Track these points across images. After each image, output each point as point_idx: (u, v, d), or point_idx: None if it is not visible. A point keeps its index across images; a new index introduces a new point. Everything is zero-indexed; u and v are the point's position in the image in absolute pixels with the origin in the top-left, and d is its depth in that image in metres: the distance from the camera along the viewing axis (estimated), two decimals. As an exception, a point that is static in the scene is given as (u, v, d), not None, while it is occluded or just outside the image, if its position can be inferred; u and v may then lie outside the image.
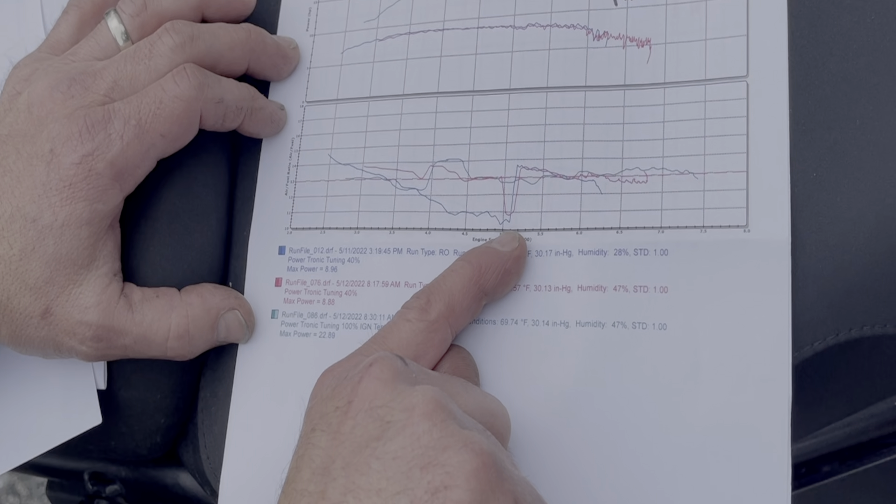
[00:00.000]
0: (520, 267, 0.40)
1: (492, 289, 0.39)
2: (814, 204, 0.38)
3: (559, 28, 0.42)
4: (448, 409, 0.31)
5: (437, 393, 0.32)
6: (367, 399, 0.32)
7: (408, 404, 0.31)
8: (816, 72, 0.39)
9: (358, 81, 0.45)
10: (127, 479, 0.52)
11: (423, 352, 0.38)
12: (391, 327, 0.38)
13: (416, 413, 0.31)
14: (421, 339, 0.38)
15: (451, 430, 0.30)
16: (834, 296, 0.37)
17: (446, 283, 0.39)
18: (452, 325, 0.39)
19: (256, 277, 0.45)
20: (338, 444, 0.31)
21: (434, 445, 0.30)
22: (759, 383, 0.37)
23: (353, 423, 0.31)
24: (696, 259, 0.38)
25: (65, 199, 0.39)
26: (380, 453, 0.30)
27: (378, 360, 0.33)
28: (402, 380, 0.33)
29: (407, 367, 0.34)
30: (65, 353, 0.41)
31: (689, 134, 0.39)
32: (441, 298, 0.38)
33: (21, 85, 0.42)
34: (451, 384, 0.35)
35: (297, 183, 0.45)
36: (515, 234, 0.41)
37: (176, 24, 0.42)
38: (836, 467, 0.47)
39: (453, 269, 0.39)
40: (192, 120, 0.41)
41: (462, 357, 0.40)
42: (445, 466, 0.29)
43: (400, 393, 0.32)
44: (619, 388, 0.38)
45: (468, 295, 0.39)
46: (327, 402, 0.33)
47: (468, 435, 0.30)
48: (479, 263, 0.39)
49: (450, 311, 0.38)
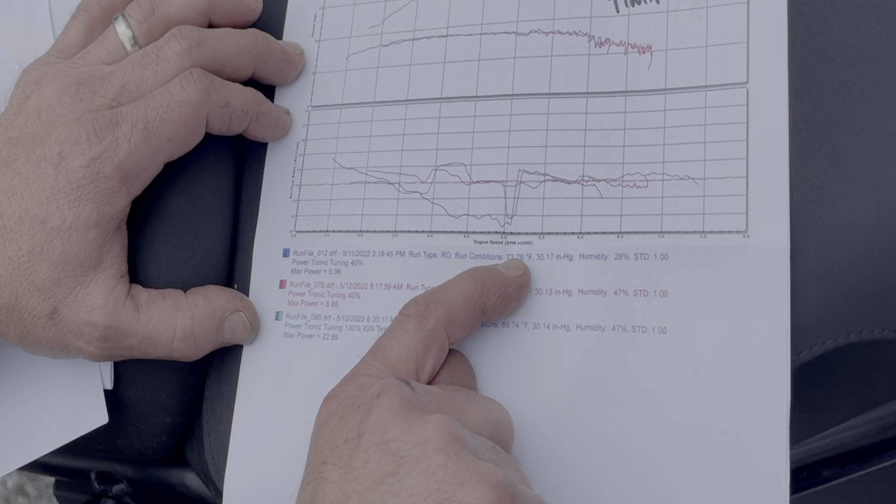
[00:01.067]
0: (521, 294, 0.40)
1: (491, 309, 0.39)
2: (813, 209, 0.38)
3: (561, 35, 0.43)
4: (461, 440, 0.31)
5: (448, 423, 0.32)
6: (377, 432, 0.32)
7: (420, 438, 0.31)
8: (816, 78, 0.39)
9: (362, 86, 0.45)
10: (133, 478, 0.53)
11: (422, 363, 0.37)
12: (389, 339, 0.38)
13: (429, 447, 0.31)
14: (420, 350, 0.37)
15: (466, 464, 0.30)
16: (833, 300, 0.38)
17: (448, 293, 0.39)
18: (450, 335, 0.38)
19: (261, 279, 0.45)
20: (351, 479, 0.31)
21: (450, 480, 0.30)
22: (758, 387, 0.37)
23: (366, 458, 0.31)
24: (695, 264, 0.39)
25: (73, 202, 0.40)
26: (396, 490, 0.30)
27: (385, 389, 0.33)
28: (412, 409, 0.33)
29: (415, 393, 0.34)
30: (72, 353, 0.42)
31: (689, 139, 0.40)
32: (441, 307, 0.38)
33: (30, 88, 0.43)
34: (456, 399, 0.36)
35: (301, 186, 0.46)
36: (521, 263, 0.41)
37: (183, 30, 0.42)
38: (836, 471, 0.47)
39: (456, 282, 0.39)
40: (199, 124, 0.42)
41: (460, 363, 0.40)
42: (463, 502, 0.29)
43: (412, 425, 0.32)
44: (619, 392, 0.39)
45: (468, 308, 0.39)
46: (336, 432, 0.33)
47: (483, 468, 0.30)
48: (483, 281, 0.39)
49: (448, 321, 0.38)
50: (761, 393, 0.37)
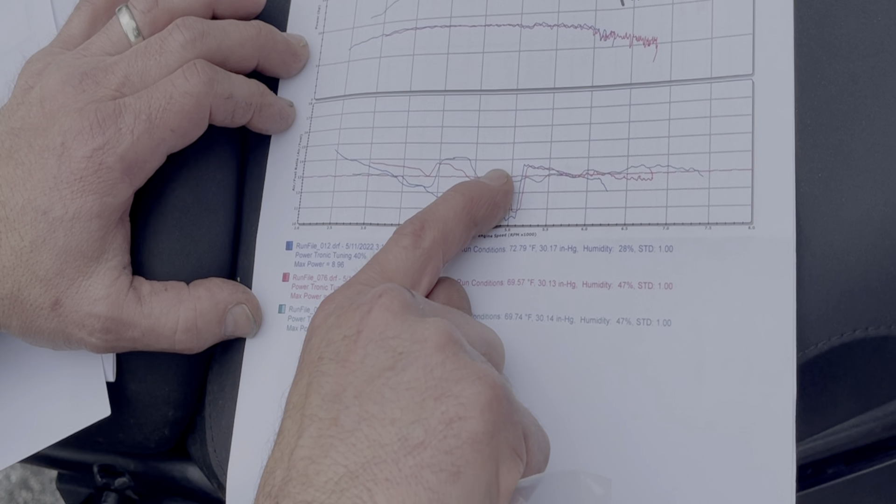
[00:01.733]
0: (508, 201, 0.41)
1: (481, 219, 0.40)
2: (819, 204, 0.38)
3: (566, 28, 0.42)
4: (459, 342, 0.32)
5: (447, 325, 0.32)
6: (377, 329, 0.32)
7: (419, 336, 0.31)
8: (822, 72, 0.39)
9: (365, 77, 0.45)
10: (135, 471, 0.53)
11: (418, 279, 0.38)
12: (386, 255, 0.38)
13: (428, 345, 0.31)
14: (417, 266, 0.38)
15: (463, 363, 0.31)
16: (839, 296, 0.37)
17: (439, 211, 0.39)
18: (445, 252, 0.39)
19: (264, 272, 0.45)
20: (348, 372, 0.31)
21: (447, 377, 0.30)
22: (764, 381, 0.37)
23: (364, 353, 0.32)
24: (700, 256, 0.38)
25: (75, 192, 0.40)
26: (393, 383, 0.30)
27: (387, 290, 0.33)
28: (411, 311, 0.33)
29: (414, 299, 0.34)
30: (74, 344, 0.42)
31: (694, 132, 0.40)
32: (435, 225, 0.39)
33: (33, 79, 0.43)
34: (452, 315, 0.36)
35: (304, 178, 0.45)
36: (503, 171, 0.42)
37: (187, 21, 0.42)
38: (841, 469, 0.47)
39: (445, 198, 0.40)
40: (202, 115, 0.42)
41: (455, 288, 0.41)
42: (459, 398, 0.30)
43: (411, 325, 0.32)
44: (623, 384, 0.38)
45: (460, 223, 0.39)
46: (333, 330, 0.33)
47: (480, 367, 0.31)
48: (470, 194, 0.40)
49: (443, 239, 0.39)
50: (767, 386, 0.37)
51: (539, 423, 0.33)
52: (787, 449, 0.36)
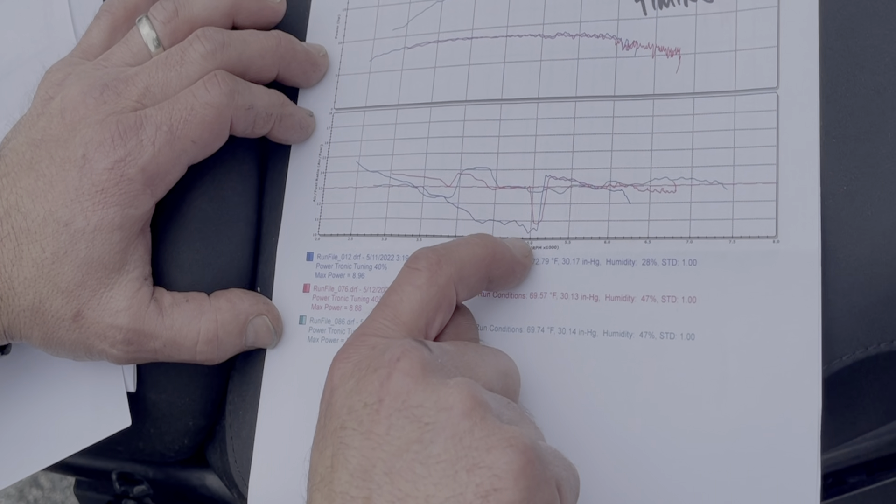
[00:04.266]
0: (525, 274, 0.41)
1: (497, 278, 0.39)
2: (844, 217, 0.37)
3: (588, 37, 0.42)
4: (485, 404, 0.31)
5: (471, 387, 0.31)
6: (399, 397, 0.31)
7: (444, 403, 0.31)
8: (848, 84, 0.38)
9: (386, 89, 0.45)
10: (154, 479, 0.53)
11: (432, 319, 0.36)
12: (399, 294, 0.36)
13: (454, 413, 0.30)
14: (431, 306, 0.36)
15: (492, 429, 0.30)
16: (864, 309, 0.37)
17: (459, 251, 0.38)
18: (459, 293, 0.38)
19: (285, 283, 0.45)
20: (374, 445, 0.31)
21: (477, 446, 0.30)
22: (789, 395, 0.36)
23: (388, 424, 0.31)
24: (724, 269, 0.38)
25: (97, 204, 0.40)
26: (423, 458, 0.30)
27: (405, 353, 0.32)
28: (432, 372, 0.32)
29: (432, 355, 0.33)
30: (95, 355, 0.42)
31: (718, 144, 0.39)
32: (453, 263, 0.37)
33: (54, 89, 0.42)
34: (467, 355, 0.35)
35: (325, 189, 0.45)
36: (527, 246, 0.41)
37: (207, 31, 0.42)
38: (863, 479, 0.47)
39: (468, 242, 0.38)
40: (223, 126, 0.42)
41: (464, 317, 0.39)
42: (492, 468, 0.29)
43: (434, 390, 0.31)
44: (647, 398, 0.38)
45: (478, 271, 0.38)
46: (353, 396, 0.32)
47: (510, 432, 0.30)
48: (493, 250, 0.39)
49: (460, 279, 0.37)
50: (792, 401, 0.36)
51: (565, 459, 0.32)
52: (811, 464, 0.36)
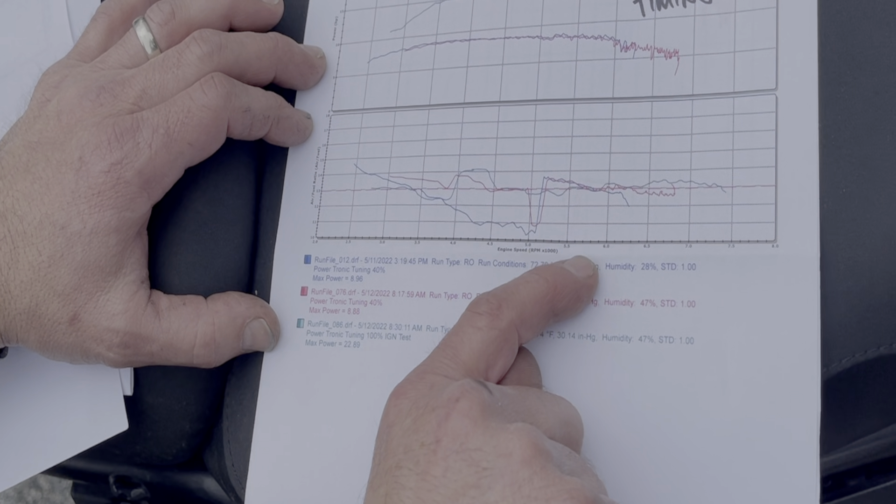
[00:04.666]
0: (591, 295, 0.39)
1: (562, 310, 0.38)
2: (843, 220, 0.37)
3: (586, 39, 0.42)
4: (546, 452, 0.30)
5: (532, 434, 0.30)
6: (458, 439, 0.30)
7: (504, 449, 0.30)
8: (847, 86, 0.38)
9: (384, 91, 0.45)
10: (152, 482, 0.53)
11: (493, 362, 0.36)
12: (460, 336, 0.36)
13: (514, 459, 0.30)
14: (492, 349, 0.36)
15: (553, 479, 0.29)
16: (863, 312, 0.37)
17: (519, 293, 0.37)
18: (522, 335, 0.37)
19: (282, 286, 0.45)
20: (430, 488, 0.30)
21: (537, 496, 0.29)
22: (788, 399, 0.36)
23: (445, 466, 0.30)
24: (723, 274, 0.38)
25: (93, 207, 0.39)
26: (479, 503, 0.29)
27: (465, 393, 0.32)
28: (492, 415, 0.31)
29: (493, 397, 0.33)
30: (92, 359, 0.42)
31: (717, 147, 0.39)
32: (513, 307, 0.36)
33: (50, 92, 0.42)
34: (529, 400, 0.35)
35: (322, 192, 0.45)
36: (591, 262, 0.39)
37: (204, 34, 0.42)
38: (862, 482, 0.46)
39: (527, 281, 0.38)
40: (220, 129, 0.41)
41: (527, 362, 0.39)
42: None
43: (493, 434, 0.30)
44: (646, 403, 0.38)
45: (540, 310, 0.37)
46: (410, 435, 0.32)
47: (570, 483, 0.29)
48: (554, 282, 0.38)
49: (521, 322, 0.37)
50: (791, 405, 0.36)
51: None
52: (811, 467, 0.36)
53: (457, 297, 0.42)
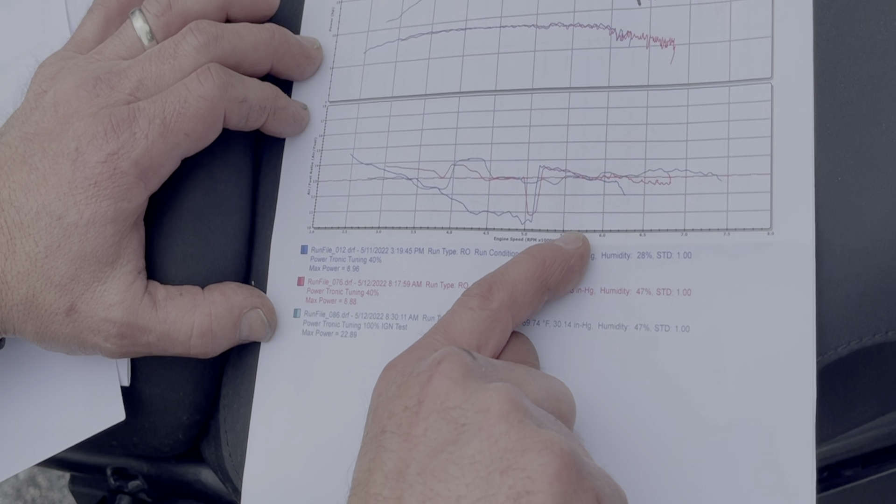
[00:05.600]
0: (583, 266, 0.40)
1: (555, 284, 0.39)
2: (839, 207, 0.37)
3: (582, 28, 0.42)
4: (524, 408, 0.31)
5: (510, 391, 0.31)
6: (438, 399, 0.31)
7: (482, 405, 0.30)
8: (842, 74, 0.38)
9: (380, 81, 0.45)
10: (149, 474, 0.53)
11: (485, 341, 0.37)
12: (452, 316, 0.37)
13: (491, 414, 0.30)
14: (483, 328, 0.37)
15: (529, 432, 0.30)
16: (859, 300, 0.37)
17: (509, 274, 0.38)
18: (514, 315, 0.38)
19: (279, 276, 0.45)
20: (410, 447, 0.30)
21: (513, 448, 0.29)
22: (784, 387, 0.36)
23: (426, 426, 0.30)
24: (719, 262, 0.38)
25: (90, 198, 0.39)
26: (457, 458, 0.29)
27: (447, 356, 0.32)
28: (473, 377, 0.32)
29: (476, 362, 0.33)
30: (89, 349, 0.42)
31: (712, 136, 0.39)
32: (503, 287, 0.37)
33: (47, 83, 0.42)
34: (517, 372, 0.35)
35: (319, 182, 0.45)
36: (579, 234, 0.40)
37: (200, 24, 0.42)
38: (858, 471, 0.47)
39: (517, 261, 0.38)
40: (216, 119, 0.41)
41: (523, 343, 0.39)
42: (526, 470, 0.29)
43: (473, 393, 0.31)
44: (642, 391, 0.38)
45: (531, 287, 0.38)
46: (394, 400, 0.32)
47: (547, 435, 0.30)
48: (542, 258, 0.38)
49: (512, 301, 0.37)
50: (787, 392, 0.36)
51: (614, 482, 0.31)
52: (806, 455, 0.36)
53: (453, 287, 0.42)
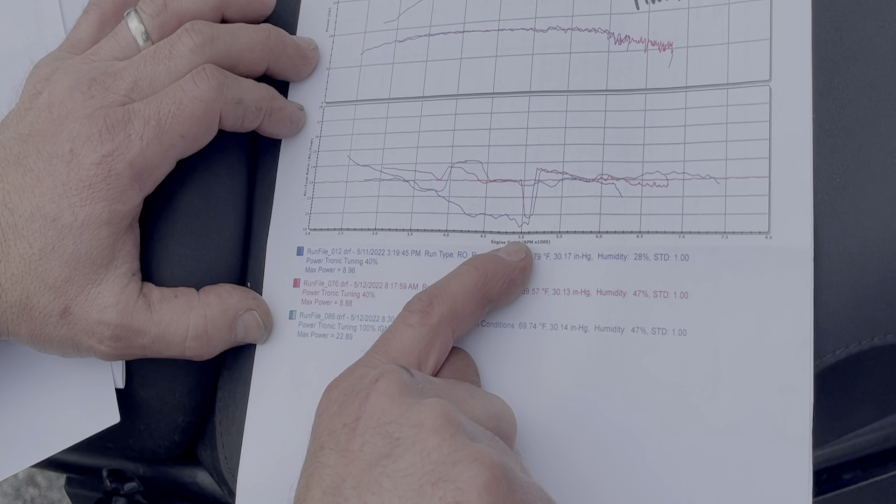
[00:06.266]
0: (525, 278, 0.40)
1: (496, 297, 0.39)
2: (837, 211, 0.37)
3: (580, 31, 0.42)
4: (457, 422, 0.31)
5: (445, 406, 0.31)
6: (375, 416, 0.32)
7: (416, 420, 0.31)
8: (840, 77, 0.38)
9: (377, 83, 0.45)
10: (145, 476, 0.53)
11: (425, 357, 0.37)
12: (393, 333, 0.38)
13: (424, 428, 0.30)
14: (423, 344, 0.37)
15: (460, 444, 0.30)
16: (856, 304, 0.37)
17: (450, 287, 0.38)
18: (455, 329, 0.38)
19: (274, 278, 0.45)
20: (347, 462, 0.31)
21: (444, 461, 0.30)
22: (781, 390, 0.36)
23: (363, 441, 0.31)
24: (717, 265, 0.38)
25: (84, 199, 0.39)
26: (390, 471, 0.30)
27: (384, 374, 0.33)
28: (410, 393, 0.32)
29: (413, 379, 0.34)
30: (83, 352, 0.42)
31: (710, 138, 0.39)
32: (444, 302, 0.38)
33: (42, 84, 0.42)
34: (456, 390, 0.35)
35: (315, 184, 0.45)
36: (522, 245, 0.40)
37: (196, 25, 0.42)
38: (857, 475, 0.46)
39: (458, 273, 0.39)
40: (212, 121, 0.41)
41: (462, 360, 0.40)
42: (456, 482, 0.29)
43: (408, 408, 0.31)
44: (638, 394, 0.38)
45: (472, 300, 0.38)
46: (335, 418, 0.33)
47: (477, 448, 0.30)
48: (485, 270, 0.39)
49: (452, 315, 0.38)
50: (783, 396, 0.36)
51: (548, 497, 0.32)
52: (803, 458, 0.36)
53: (450, 290, 0.41)
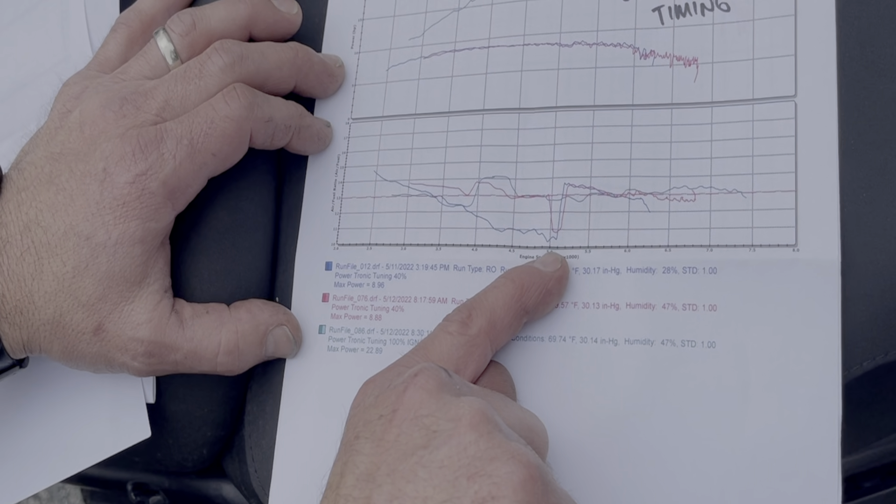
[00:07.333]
0: (561, 288, 0.41)
1: (533, 307, 0.40)
2: (864, 224, 0.38)
3: (605, 46, 0.42)
4: (494, 421, 0.32)
5: (482, 404, 0.32)
6: (412, 408, 0.32)
7: (454, 415, 0.31)
8: (866, 92, 0.39)
9: (403, 98, 0.45)
10: (170, 489, 0.53)
11: (462, 365, 0.38)
12: (432, 339, 0.38)
13: (462, 423, 0.31)
14: (461, 353, 0.38)
15: (497, 441, 0.31)
16: (884, 315, 0.37)
17: (488, 299, 0.39)
18: (493, 340, 0.39)
19: (304, 293, 0.45)
20: (382, 451, 0.31)
21: (481, 456, 0.30)
22: (809, 402, 0.37)
23: (399, 432, 0.32)
24: (745, 278, 0.38)
25: (118, 218, 0.40)
26: (426, 461, 0.30)
27: (423, 370, 0.34)
28: (447, 391, 0.33)
29: (451, 379, 0.34)
30: (116, 368, 0.42)
31: (737, 153, 0.40)
32: (482, 314, 0.38)
33: (72, 103, 0.42)
34: (492, 397, 0.36)
35: (343, 199, 0.45)
36: (558, 256, 0.41)
37: (225, 44, 0.42)
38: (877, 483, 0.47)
39: (496, 286, 0.40)
40: (243, 139, 0.42)
41: (500, 373, 0.40)
42: (493, 477, 0.29)
43: (446, 403, 0.32)
44: (668, 406, 0.38)
45: (510, 312, 0.39)
46: (371, 409, 0.33)
47: (515, 447, 0.31)
48: (521, 282, 0.39)
49: (490, 327, 0.38)
50: (812, 408, 0.37)
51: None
52: (832, 469, 0.36)
53: (479, 304, 0.42)
